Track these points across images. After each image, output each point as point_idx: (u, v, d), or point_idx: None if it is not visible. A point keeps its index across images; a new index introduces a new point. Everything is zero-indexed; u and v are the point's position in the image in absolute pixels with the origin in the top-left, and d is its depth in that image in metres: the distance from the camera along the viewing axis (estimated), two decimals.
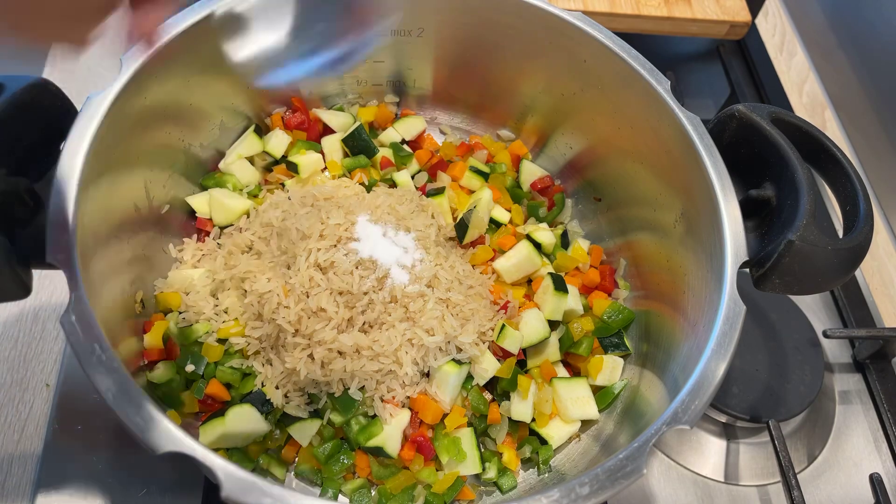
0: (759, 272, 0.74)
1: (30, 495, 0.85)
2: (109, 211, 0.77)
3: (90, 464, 0.85)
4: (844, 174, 0.76)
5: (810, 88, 1.49)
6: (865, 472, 0.97)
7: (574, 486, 0.61)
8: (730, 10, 1.37)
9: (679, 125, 0.82)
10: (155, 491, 0.84)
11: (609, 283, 0.99)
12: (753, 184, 0.79)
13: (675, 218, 0.87)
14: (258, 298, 0.85)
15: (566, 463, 0.87)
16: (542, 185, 1.06)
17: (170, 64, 0.81)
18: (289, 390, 0.84)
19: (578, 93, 0.97)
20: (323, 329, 0.82)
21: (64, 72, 1.27)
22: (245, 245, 0.92)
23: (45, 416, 0.91)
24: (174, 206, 0.93)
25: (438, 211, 0.98)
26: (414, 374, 0.85)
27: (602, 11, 1.30)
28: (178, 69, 0.84)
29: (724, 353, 0.69)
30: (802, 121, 0.80)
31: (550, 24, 0.92)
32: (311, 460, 0.84)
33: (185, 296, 0.89)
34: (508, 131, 1.11)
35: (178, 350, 0.85)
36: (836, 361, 1.10)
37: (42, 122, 0.70)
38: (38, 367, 0.95)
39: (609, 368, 0.90)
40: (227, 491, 0.57)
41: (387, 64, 1.05)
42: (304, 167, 1.00)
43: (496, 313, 0.92)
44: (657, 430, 0.65)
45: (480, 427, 0.87)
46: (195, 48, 0.85)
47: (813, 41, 1.55)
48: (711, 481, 0.96)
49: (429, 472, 0.83)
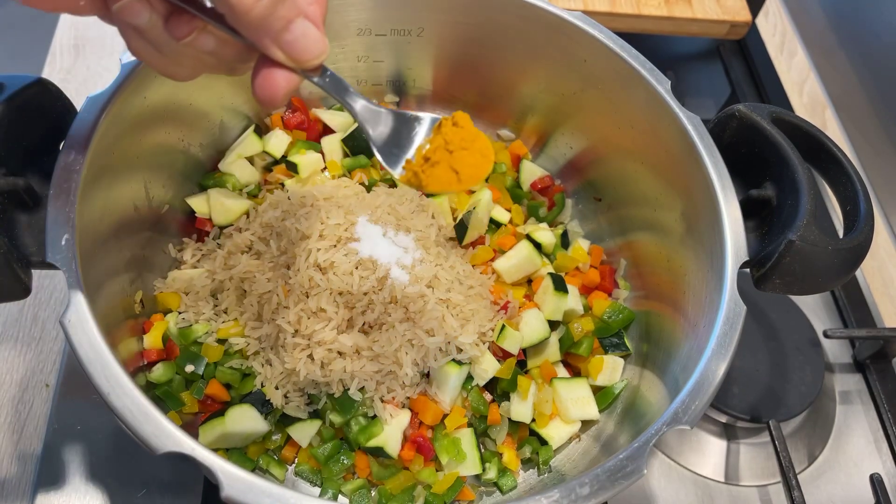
0: (760, 272, 0.74)
1: (29, 495, 0.85)
2: (109, 211, 0.77)
3: (89, 464, 0.85)
4: (845, 174, 0.76)
5: (811, 88, 1.49)
6: (866, 472, 0.97)
7: (574, 487, 0.61)
8: (730, 10, 1.37)
9: (679, 125, 0.82)
10: (154, 491, 0.84)
11: (609, 284, 0.99)
12: (754, 184, 0.79)
13: (676, 218, 0.87)
14: (258, 299, 0.85)
15: (566, 463, 0.87)
16: (542, 185, 1.06)
17: None
18: (288, 391, 0.84)
19: (578, 92, 0.97)
20: (323, 329, 0.82)
21: (64, 72, 1.27)
22: (245, 245, 0.92)
23: (45, 416, 0.91)
24: (174, 206, 0.93)
25: (438, 211, 0.98)
26: (414, 375, 0.85)
27: (602, 11, 1.30)
28: None
29: (724, 354, 0.69)
30: (803, 121, 0.80)
31: (551, 23, 0.92)
32: (310, 461, 0.84)
33: (185, 296, 0.89)
34: (508, 131, 1.11)
35: (177, 350, 0.85)
36: (837, 361, 1.10)
37: (42, 121, 0.70)
38: (38, 367, 0.95)
39: (609, 369, 0.90)
40: (226, 491, 0.57)
41: (386, 63, 1.05)
42: (303, 167, 1.00)
43: (496, 313, 0.92)
44: (657, 431, 0.65)
45: (480, 427, 0.87)
46: None
47: (813, 41, 1.55)
48: (712, 482, 0.96)
49: (429, 473, 0.82)
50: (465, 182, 0.66)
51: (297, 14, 0.54)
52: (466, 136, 0.66)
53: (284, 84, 0.57)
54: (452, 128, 0.66)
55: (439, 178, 0.66)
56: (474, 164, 0.66)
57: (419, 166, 0.66)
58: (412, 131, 0.67)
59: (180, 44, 0.55)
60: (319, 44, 0.56)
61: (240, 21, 0.52)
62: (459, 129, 0.66)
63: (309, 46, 0.55)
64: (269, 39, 0.54)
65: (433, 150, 0.66)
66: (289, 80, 0.57)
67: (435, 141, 0.66)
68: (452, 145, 0.65)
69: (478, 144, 0.66)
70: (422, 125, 0.67)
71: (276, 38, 0.54)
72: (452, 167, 0.66)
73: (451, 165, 0.66)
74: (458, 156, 0.65)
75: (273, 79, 0.56)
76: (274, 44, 0.55)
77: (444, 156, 0.65)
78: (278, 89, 0.56)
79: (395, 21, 0.99)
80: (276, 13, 0.52)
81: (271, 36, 0.54)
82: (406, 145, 0.66)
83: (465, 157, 0.66)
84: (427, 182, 0.66)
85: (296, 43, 0.55)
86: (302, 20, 0.55)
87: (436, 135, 0.66)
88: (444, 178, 0.66)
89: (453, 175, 0.66)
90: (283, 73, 0.56)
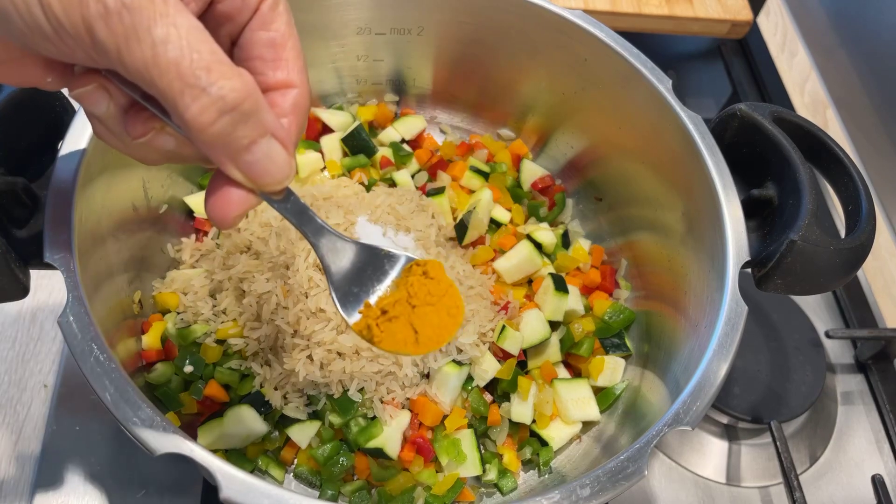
0: (761, 272, 0.73)
1: (28, 496, 0.85)
2: (107, 211, 0.77)
3: (88, 465, 0.85)
4: (846, 174, 0.76)
5: (812, 87, 1.48)
6: (867, 473, 0.96)
7: (575, 488, 0.61)
8: (731, 9, 1.37)
9: (680, 124, 0.82)
10: (153, 492, 0.84)
11: (610, 284, 0.99)
12: (755, 183, 0.79)
13: (677, 218, 0.87)
14: (257, 299, 0.85)
15: (567, 464, 0.86)
16: (542, 185, 1.06)
17: None
18: (288, 391, 0.83)
19: (579, 92, 0.97)
20: (322, 330, 0.82)
21: None
22: (243, 245, 0.92)
23: (44, 417, 0.90)
24: (172, 206, 0.93)
25: (438, 211, 0.98)
26: (414, 376, 0.85)
27: (603, 10, 1.30)
28: None
29: (725, 354, 0.69)
30: (804, 120, 0.80)
31: (551, 22, 0.91)
32: (310, 462, 0.83)
33: (184, 296, 0.89)
34: (509, 130, 1.11)
35: (176, 351, 0.85)
36: (838, 362, 1.10)
37: (40, 121, 0.70)
38: (36, 367, 0.95)
39: (610, 369, 0.90)
40: (225, 492, 0.57)
41: (386, 63, 1.05)
42: (303, 167, 1.00)
43: (496, 314, 0.92)
44: (658, 432, 0.64)
45: (481, 428, 0.86)
46: None
47: (815, 40, 1.55)
48: (713, 483, 0.96)
49: (429, 474, 0.82)
50: (423, 346, 0.59)
51: (262, 134, 0.47)
52: (434, 289, 0.59)
53: (238, 206, 0.50)
54: (420, 278, 0.59)
55: (394, 335, 0.59)
56: (438, 324, 0.59)
57: (374, 317, 0.59)
58: (380, 270, 0.60)
59: (136, 143, 0.50)
60: (285, 168, 0.49)
61: (195, 138, 0.46)
62: (428, 280, 0.59)
63: (271, 170, 0.49)
64: (227, 158, 0.47)
65: (393, 303, 0.59)
66: (245, 201, 0.50)
67: (398, 292, 0.59)
68: (416, 299, 0.59)
69: (445, 301, 0.60)
70: (393, 266, 0.60)
71: (234, 158, 0.47)
72: (412, 324, 0.59)
73: (412, 322, 0.59)
74: (420, 312, 0.59)
75: (227, 199, 0.50)
76: (232, 164, 0.48)
77: (404, 310, 0.59)
78: (231, 211, 0.50)
79: (394, 20, 0.99)
80: (237, 132, 0.45)
81: (229, 156, 0.47)
82: (369, 285, 0.59)
83: (429, 315, 0.59)
84: (380, 338, 0.59)
85: (257, 165, 0.48)
86: (268, 140, 0.48)
87: (401, 282, 0.59)
88: (400, 336, 0.59)
89: (411, 334, 0.59)
90: (240, 193, 0.50)
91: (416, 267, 0.60)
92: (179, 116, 0.44)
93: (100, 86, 0.48)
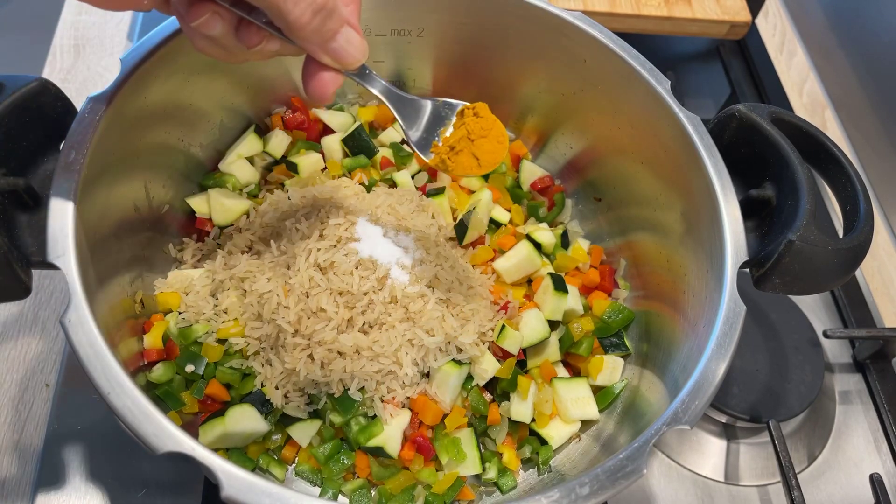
0: (760, 272, 0.74)
1: (29, 495, 0.85)
2: (109, 211, 0.77)
3: (90, 464, 0.85)
4: (844, 174, 0.76)
5: (810, 88, 1.49)
6: (865, 472, 0.97)
7: (574, 487, 0.61)
8: (730, 10, 1.37)
9: (679, 125, 0.82)
10: (154, 491, 0.84)
11: (609, 283, 0.99)
12: (753, 184, 0.79)
13: (676, 218, 0.87)
14: (258, 298, 0.85)
15: (566, 463, 0.87)
16: (542, 185, 1.06)
17: (170, 64, 0.81)
18: (288, 391, 0.84)
19: (578, 93, 0.97)
20: (323, 329, 0.82)
21: (64, 72, 1.27)
22: (245, 245, 0.92)
23: (45, 416, 0.91)
24: (174, 206, 0.93)
25: (439, 211, 0.98)
26: (414, 375, 0.85)
27: (602, 11, 1.31)
28: (178, 69, 0.84)
29: (724, 354, 0.69)
30: (802, 121, 0.80)
31: (550, 23, 0.92)
32: (310, 460, 0.84)
33: (185, 296, 0.89)
34: (508, 131, 1.11)
35: (177, 350, 0.85)
36: (837, 361, 1.10)
37: (42, 121, 0.70)
38: (38, 367, 0.95)
39: (609, 368, 0.90)
40: (227, 491, 0.57)
41: (386, 63, 1.05)
42: (303, 167, 1.00)
43: (496, 313, 0.92)
44: (657, 431, 0.65)
45: (480, 427, 0.87)
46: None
47: (813, 41, 1.55)
48: (711, 481, 0.96)
49: (429, 473, 0.83)
50: (485, 167, 0.75)
51: (342, 24, 0.62)
52: (485, 125, 0.74)
53: (332, 84, 0.66)
54: (473, 118, 0.74)
55: (463, 164, 0.74)
56: (492, 150, 0.74)
57: (445, 153, 0.74)
58: (443, 117, 0.75)
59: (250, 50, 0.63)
60: (361, 48, 0.65)
61: (295, 34, 0.60)
62: (479, 118, 0.74)
63: (351, 51, 0.64)
64: (319, 48, 0.63)
65: (457, 140, 0.74)
66: (335, 80, 0.66)
67: (458, 131, 0.74)
68: (473, 134, 0.73)
69: (494, 132, 0.74)
70: (451, 112, 0.75)
71: (324, 46, 0.62)
72: (473, 154, 0.74)
73: (473, 152, 0.74)
74: (478, 143, 0.74)
75: (322, 80, 0.65)
76: (323, 51, 0.63)
77: (466, 144, 0.74)
78: (328, 89, 0.66)
79: (394, 21, 0.99)
80: (325, 26, 0.60)
81: (321, 45, 0.62)
82: (434, 130, 0.75)
83: (484, 145, 0.74)
84: (453, 167, 0.74)
85: (341, 50, 0.63)
86: (346, 29, 0.63)
87: (458, 123, 0.74)
88: (467, 163, 0.74)
89: (474, 161, 0.74)
90: (330, 74, 0.65)
91: (468, 110, 0.74)
92: (283, 19, 0.58)
93: (214, 12, 0.59)
